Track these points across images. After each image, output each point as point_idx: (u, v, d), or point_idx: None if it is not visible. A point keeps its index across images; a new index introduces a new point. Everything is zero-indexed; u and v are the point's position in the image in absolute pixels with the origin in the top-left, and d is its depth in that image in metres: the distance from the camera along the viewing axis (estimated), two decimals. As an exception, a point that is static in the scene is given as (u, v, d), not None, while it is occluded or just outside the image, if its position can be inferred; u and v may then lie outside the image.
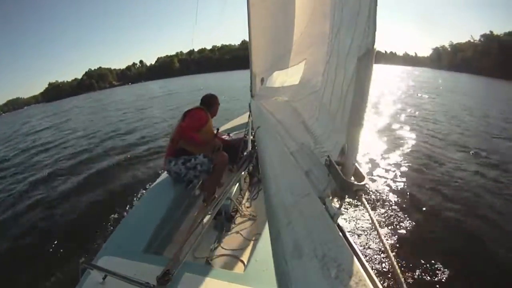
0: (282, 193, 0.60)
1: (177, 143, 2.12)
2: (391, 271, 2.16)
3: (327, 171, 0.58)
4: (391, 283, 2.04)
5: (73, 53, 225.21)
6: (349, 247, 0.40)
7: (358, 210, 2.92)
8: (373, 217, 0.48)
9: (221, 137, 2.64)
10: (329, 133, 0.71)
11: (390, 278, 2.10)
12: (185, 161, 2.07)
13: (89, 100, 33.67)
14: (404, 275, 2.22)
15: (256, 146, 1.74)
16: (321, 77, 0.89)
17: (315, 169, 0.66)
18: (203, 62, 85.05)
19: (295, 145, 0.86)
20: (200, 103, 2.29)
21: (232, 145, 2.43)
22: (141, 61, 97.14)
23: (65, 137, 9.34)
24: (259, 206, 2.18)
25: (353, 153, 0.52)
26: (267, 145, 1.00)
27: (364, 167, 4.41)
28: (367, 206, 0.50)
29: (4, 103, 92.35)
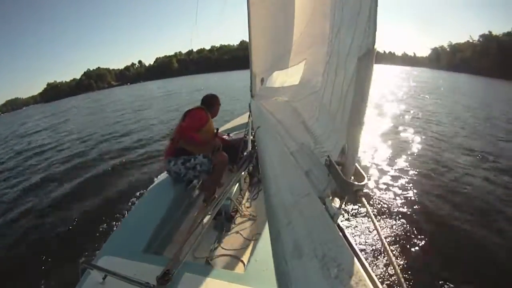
0: (282, 193, 0.60)
1: (177, 143, 2.12)
2: (391, 271, 2.17)
3: (327, 171, 0.58)
4: (391, 283, 2.04)
5: (73, 53, 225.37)
6: (349, 247, 0.40)
7: (358, 210, 2.92)
8: (373, 217, 0.48)
9: (221, 137, 2.64)
10: (329, 133, 0.71)
11: (390, 278, 2.10)
12: (185, 161, 2.07)
13: (87, 100, 33.55)
14: (404, 275, 2.22)
15: (256, 146, 1.74)
16: (321, 77, 0.89)
17: (315, 169, 0.66)
18: (202, 62, 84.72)
19: (295, 145, 0.86)
20: (200, 103, 2.30)
21: (232, 145, 2.43)
22: (139, 62, 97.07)
23: (61, 139, 9.26)
24: (259, 206, 2.18)
25: (353, 153, 0.52)
26: (267, 145, 1.00)
27: (365, 167, 4.41)
28: (367, 206, 0.50)
29: (3, 103, 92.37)
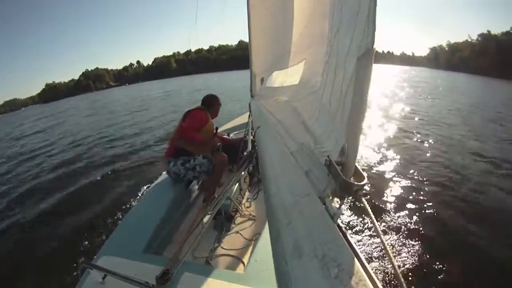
0: (282, 193, 0.60)
1: (177, 143, 2.12)
2: (391, 271, 2.16)
3: (327, 171, 0.58)
4: (391, 283, 2.04)
5: (72, 53, 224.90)
6: (349, 247, 0.40)
7: (358, 210, 2.92)
8: (373, 217, 0.48)
9: (221, 136, 2.64)
10: (329, 133, 0.71)
11: (390, 278, 2.10)
12: (184, 162, 2.07)
13: (86, 101, 33.40)
14: (404, 275, 2.22)
15: (256, 146, 1.74)
16: (320, 77, 0.89)
17: (315, 169, 0.66)
18: (200, 62, 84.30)
19: (295, 145, 0.86)
20: (201, 103, 2.30)
21: (232, 145, 2.43)
22: (138, 62, 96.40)
23: (62, 139, 9.21)
24: (259, 206, 2.18)
25: (353, 153, 0.52)
26: (267, 145, 1.00)
27: (366, 167, 4.40)
28: (367, 206, 0.50)
29: (1, 104, 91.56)
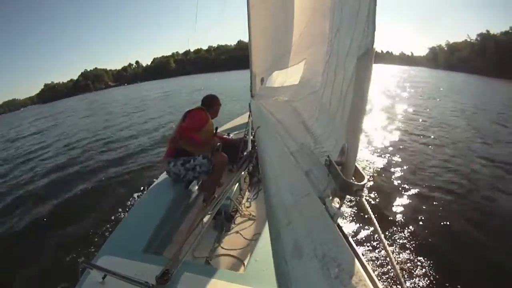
0: (282, 193, 0.60)
1: (177, 143, 2.12)
2: (391, 271, 2.17)
3: (327, 171, 0.58)
4: (391, 283, 2.04)
5: (72, 53, 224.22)
6: (349, 247, 0.40)
7: (358, 210, 2.92)
8: (373, 217, 0.48)
9: (221, 136, 2.64)
10: (329, 133, 0.71)
11: (390, 278, 2.10)
12: (184, 162, 2.07)
13: (84, 101, 33.28)
14: (404, 275, 2.22)
15: (256, 146, 1.74)
16: (320, 77, 0.89)
17: (315, 169, 0.66)
18: (199, 62, 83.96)
19: (295, 145, 0.86)
20: (201, 103, 2.30)
21: (232, 145, 2.43)
22: (137, 62, 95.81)
23: (61, 140, 9.19)
24: (259, 206, 2.18)
25: (353, 153, 0.52)
26: (267, 145, 1.00)
27: (367, 167, 4.40)
28: (367, 206, 0.50)
29: (0, 104, 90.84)
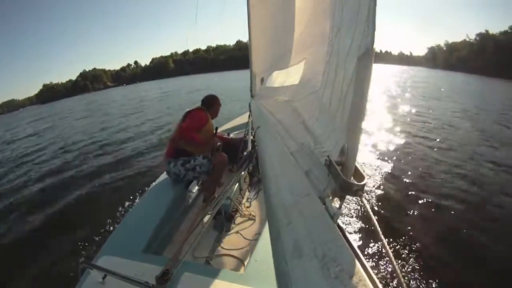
0: (282, 193, 0.60)
1: (177, 143, 2.12)
2: (391, 271, 2.16)
3: (327, 171, 0.58)
4: (391, 283, 2.04)
5: (71, 53, 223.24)
6: (349, 247, 0.40)
7: (358, 210, 2.92)
8: (373, 217, 0.48)
9: (221, 136, 2.64)
10: (329, 133, 0.71)
11: (390, 278, 2.10)
12: (185, 162, 2.07)
13: (83, 101, 33.15)
14: (404, 275, 2.22)
15: (256, 146, 1.74)
16: (321, 77, 0.89)
17: (315, 169, 0.66)
18: (198, 62, 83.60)
19: (295, 145, 0.86)
20: (201, 103, 2.30)
21: (232, 145, 2.43)
22: (135, 62, 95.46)
23: (48, 146, 8.90)
24: (259, 206, 2.18)
25: (353, 153, 0.52)
26: (267, 145, 1.00)
27: (367, 167, 4.40)
28: (367, 206, 0.50)
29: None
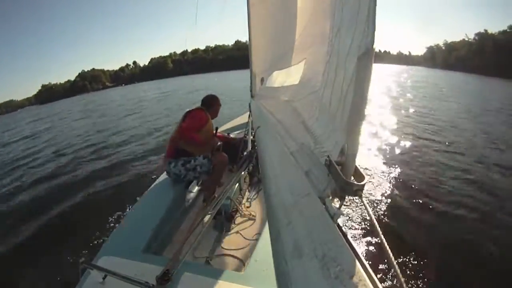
0: (282, 193, 0.60)
1: (177, 143, 2.12)
2: (391, 271, 2.16)
3: (327, 171, 0.58)
4: (391, 283, 2.04)
5: (70, 53, 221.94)
6: (349, 247, 0.40)
7: (358, 210, 2.92)
8: (373, 217, 0.48)
9: (221, 135, 2.64)
10: (329, 133, 0.71)
11: (390, 278, 2.10)
12: (185, 163, 2.07)
13: (82, 102, 33.04)
14: (404, 275, 2.22)
15: (256, 146, 1.74)
16: (321, 77, 0.89)
17: (315, 169, 0.66)
18: (197, 62, 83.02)
19: (295, 145, 0.86)
20: (201, 104, 2.30)
21: (232, 145, 2.44)
22: (134, 62, 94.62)
23: (60, 140, 9.15)
24: (259, 206, 2.18)
25: (353, 153, 0.52)
26: (267, 145, 1.00)
27: (367, 167, 4.39)
28: (367, 206, 0.50)
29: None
